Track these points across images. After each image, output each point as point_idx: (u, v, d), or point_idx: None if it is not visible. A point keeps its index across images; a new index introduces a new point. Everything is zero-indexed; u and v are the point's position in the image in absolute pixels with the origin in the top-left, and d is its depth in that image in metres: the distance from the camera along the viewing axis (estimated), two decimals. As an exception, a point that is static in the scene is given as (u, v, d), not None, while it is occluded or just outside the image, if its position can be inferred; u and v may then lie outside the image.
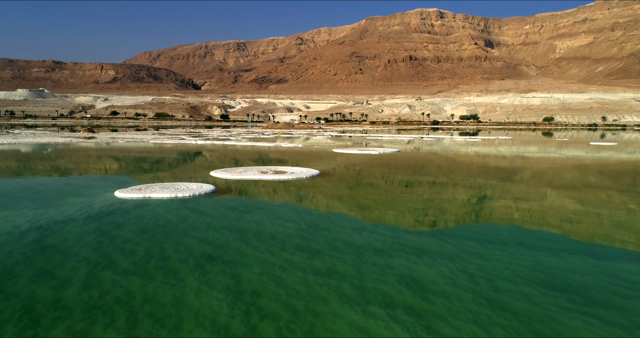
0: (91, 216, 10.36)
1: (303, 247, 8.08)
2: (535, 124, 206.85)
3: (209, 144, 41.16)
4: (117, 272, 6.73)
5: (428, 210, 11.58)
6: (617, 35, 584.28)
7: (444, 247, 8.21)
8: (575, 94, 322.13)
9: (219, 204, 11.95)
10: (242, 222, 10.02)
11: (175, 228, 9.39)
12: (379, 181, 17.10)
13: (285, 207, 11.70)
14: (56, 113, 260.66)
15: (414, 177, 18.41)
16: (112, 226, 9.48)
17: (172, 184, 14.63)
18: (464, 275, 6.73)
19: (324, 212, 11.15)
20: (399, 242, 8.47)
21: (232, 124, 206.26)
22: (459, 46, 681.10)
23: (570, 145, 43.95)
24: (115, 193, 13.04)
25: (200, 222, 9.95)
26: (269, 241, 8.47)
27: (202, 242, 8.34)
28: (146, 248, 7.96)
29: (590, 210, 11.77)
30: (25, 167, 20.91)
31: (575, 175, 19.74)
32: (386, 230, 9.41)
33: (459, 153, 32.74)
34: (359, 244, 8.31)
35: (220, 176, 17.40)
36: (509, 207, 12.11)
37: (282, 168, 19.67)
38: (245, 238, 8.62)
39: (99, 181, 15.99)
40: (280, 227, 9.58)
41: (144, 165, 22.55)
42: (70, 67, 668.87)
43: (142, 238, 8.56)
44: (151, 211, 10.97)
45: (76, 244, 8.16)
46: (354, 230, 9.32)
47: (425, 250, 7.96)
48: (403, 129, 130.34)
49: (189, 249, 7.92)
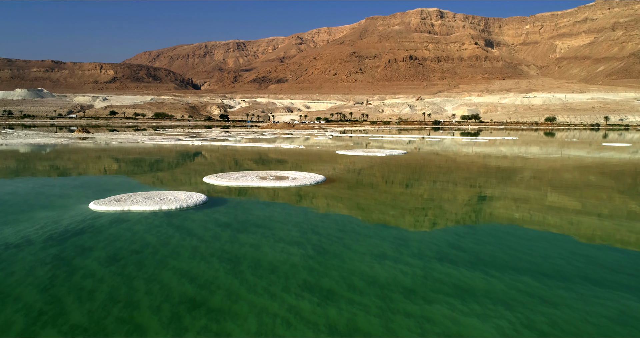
0: (53, 238, 8.58)
1: (312, 286, 6.30)
2: (538, 124, 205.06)
3: (206, 144, 39.37)
4: (63, 331, 4.96)
5: (459, 228, 9.80)
6: (618, 35, 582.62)
7: (491, 284, 6.43)
8: (577, 93, 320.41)
9: (210, 220, 10.17)
10: (235, 245, 8.24)
11: (153, 255, 7.61)
12: (391, 188, 15.33)
13: (288, 224, 9.92)
14: (54, 113, 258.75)
15: (432, 184, 16.62)
16: (75, 252, 7.71)
17: (158, 193, 12.85)
18: (535, 335, 4.96)
19: (333, 231, 9.38)
20: (432, 276, 6.69)
21: (232, 124, 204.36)
22: (459, 46, 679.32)
23: (584, 147, 42.18)
24: (90, 206, 11.26)
25: (185, 245, 8.18)
26: (268, 276, 6.68)
27: (184, 278, 6.56)
28: (111, 287, 6.18)
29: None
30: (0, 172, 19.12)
31: (621, 181, 17.97)
32: (413, 257, 7.64)
33: (471, 155, 30.95)
34: (383, 280, 6.54)
35: (214, 183, 15.63)
36: (560, 223, 10.34)
37: (283, 173, 17.90)
38: (239, 272, 6.84)
39: (75, 189, 14.20)
40: (283, 253, 7.80)
41: (130, 169, 20.76)
42: (69, 67, 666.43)
43: (110, 272, 6.78)
44: (128, 230, 9.19)
45: (22, 281, 6.38)
46: (374, 258, 7.55)
47: (469, 290, 6.19)
48: (404, 129, 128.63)
49: (165, 289, 6.14)
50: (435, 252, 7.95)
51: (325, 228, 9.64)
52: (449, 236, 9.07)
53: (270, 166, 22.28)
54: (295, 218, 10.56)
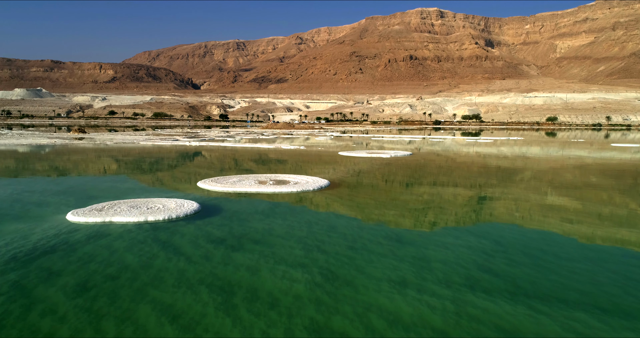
0: (17, 258, 7.37)
1: (321, 328, 5.09)
2: (539, 123, 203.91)
3: (204, 145, 38.17)
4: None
5: (485, 244, 8.59)
6: (618, 34, 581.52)
7: (541, 324, 5.22)
8: (577, 93, 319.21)
9: (201, 234, 8.97)
10: (229, 268, 7.03)
11: (131, 282, 6.40)
12: (401, 195, 14.14)
13: (290, 239, 8.72)
14: (53, 113, 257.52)
15: (442, 189, 15.42)
16: (39, 278, 6.50)
17: (146, 201, 11.65)
18: None
19: (342, 248, 8.17)
20: (467, 313, 5.49)
21: (231, 123, 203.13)
22: (459, 46, 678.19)
23: (595, 148, 40.99)
24: (68, 216, 10.06)
25: (170, 269, 6.97)
26: (267, 312, 5.48)
27: (165, 316, 5.36)
28: (73, 330, 4.98)
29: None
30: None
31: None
32: (439, 284, 6.43)
33: (478, 155, 29.75)
34: (407, 319, 5.33)
35: (209, 188, 14.43)
36: (604, 237, 9.15)
37: (284, 176, 16.69)
38: (232, 307, 5.63)
39: (56, 196, 13.00)
40: (285, 279, 6.59)
41: (120, 173, 19.56)
42: (69, 67, 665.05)
43: (75, 307, 5.58)
44: (106, 248, 7.99)
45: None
46: (393, 286, 6.34)
47: (516, 333, 4.98)
48: (405, 128, 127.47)
49: (140, 332, 4.94)
50: (464, 277, 6.75)
51: (333, 244, 8.43)
52: (476, 255, 7.87)
53: (269, 168, 21.06)
54: (298, 231, 9.36)
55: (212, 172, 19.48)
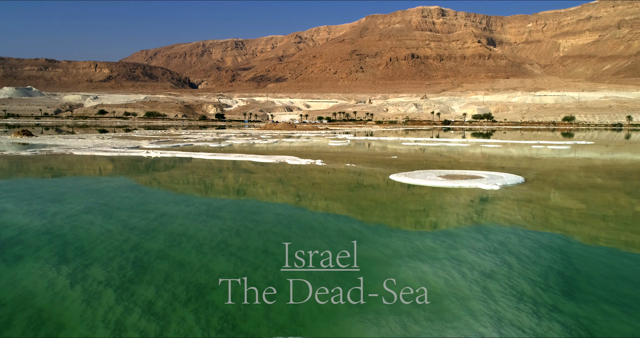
0: None
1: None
2: (555, 123, 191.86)
3: (166, 156, 25.83)
4: None
5: None
6: (624, 33, 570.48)
7: None
8: (587, 92, 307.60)
9: None
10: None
11: None
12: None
13: None
14: (40, 112, 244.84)
15: None
16: None
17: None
18: None
19: None
20: None
21: (228, 123, 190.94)
22: (461, 44, 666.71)
23: None
24: None
25: None
26: None
27: None
28: None
29: None
30: None
31: None
32: None
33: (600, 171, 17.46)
34: None
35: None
36: None
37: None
38: None
39: None
40: None
41: None
42: (63, 66, 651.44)
43: None
44: None
45: None
46: None
47: None
48: (416, 129, 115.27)
49: None
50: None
51: None
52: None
53: (265, 232, 8.82)
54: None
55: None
